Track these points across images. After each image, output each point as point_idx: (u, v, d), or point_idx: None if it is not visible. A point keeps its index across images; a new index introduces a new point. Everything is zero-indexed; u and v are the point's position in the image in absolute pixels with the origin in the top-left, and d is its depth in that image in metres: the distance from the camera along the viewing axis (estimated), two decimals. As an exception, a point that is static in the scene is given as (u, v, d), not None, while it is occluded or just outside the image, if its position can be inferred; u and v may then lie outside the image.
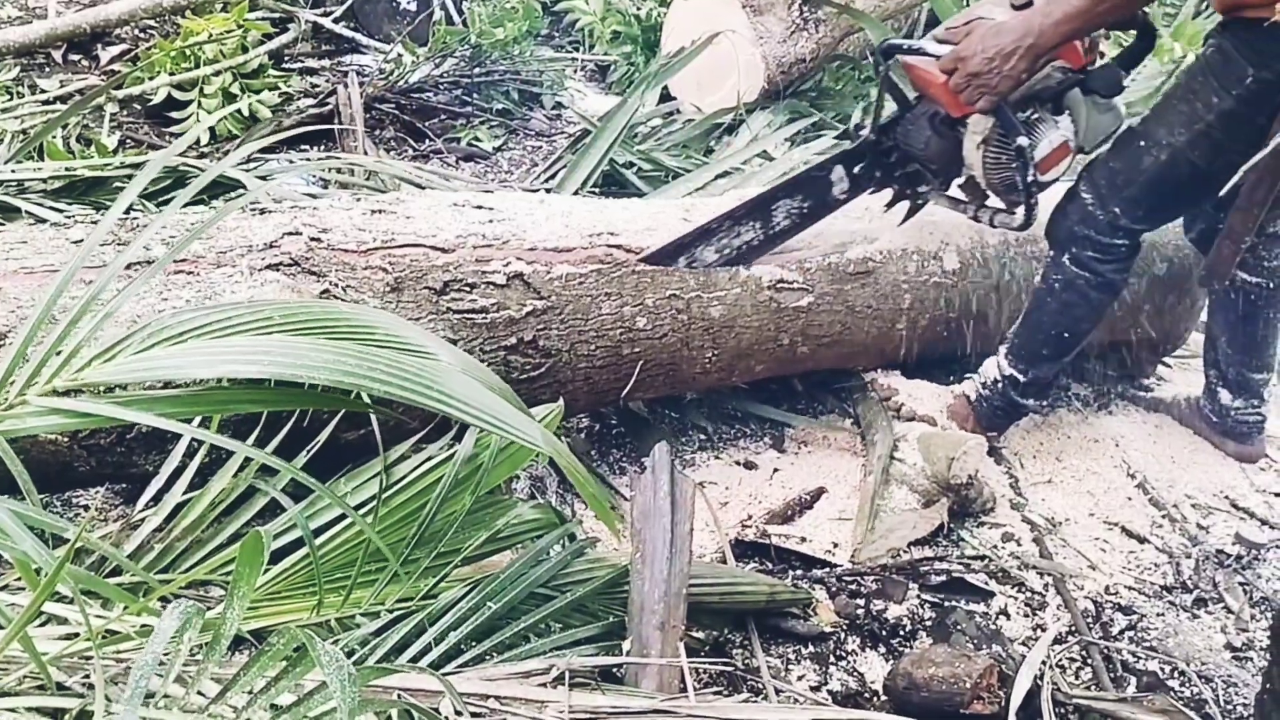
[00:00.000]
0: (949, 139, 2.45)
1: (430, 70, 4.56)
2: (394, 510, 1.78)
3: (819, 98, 4.79)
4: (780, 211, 2.55)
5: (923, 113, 2.51)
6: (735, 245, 2.53)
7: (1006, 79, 2.24)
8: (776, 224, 2.56)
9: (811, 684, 2.09)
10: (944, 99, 2.35)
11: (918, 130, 2.51)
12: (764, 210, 2.54)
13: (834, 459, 2.79)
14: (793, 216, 2.57)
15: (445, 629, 1.66)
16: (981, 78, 2.25)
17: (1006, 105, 2.29)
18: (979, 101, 2.29)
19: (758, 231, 2.54)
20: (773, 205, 2.54)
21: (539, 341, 2.28)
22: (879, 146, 2.58)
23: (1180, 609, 2.38)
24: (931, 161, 2.54)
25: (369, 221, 2.20)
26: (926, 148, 2.51)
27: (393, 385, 1.34)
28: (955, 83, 2.28)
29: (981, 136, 2.36)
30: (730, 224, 2.51)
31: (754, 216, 2.53)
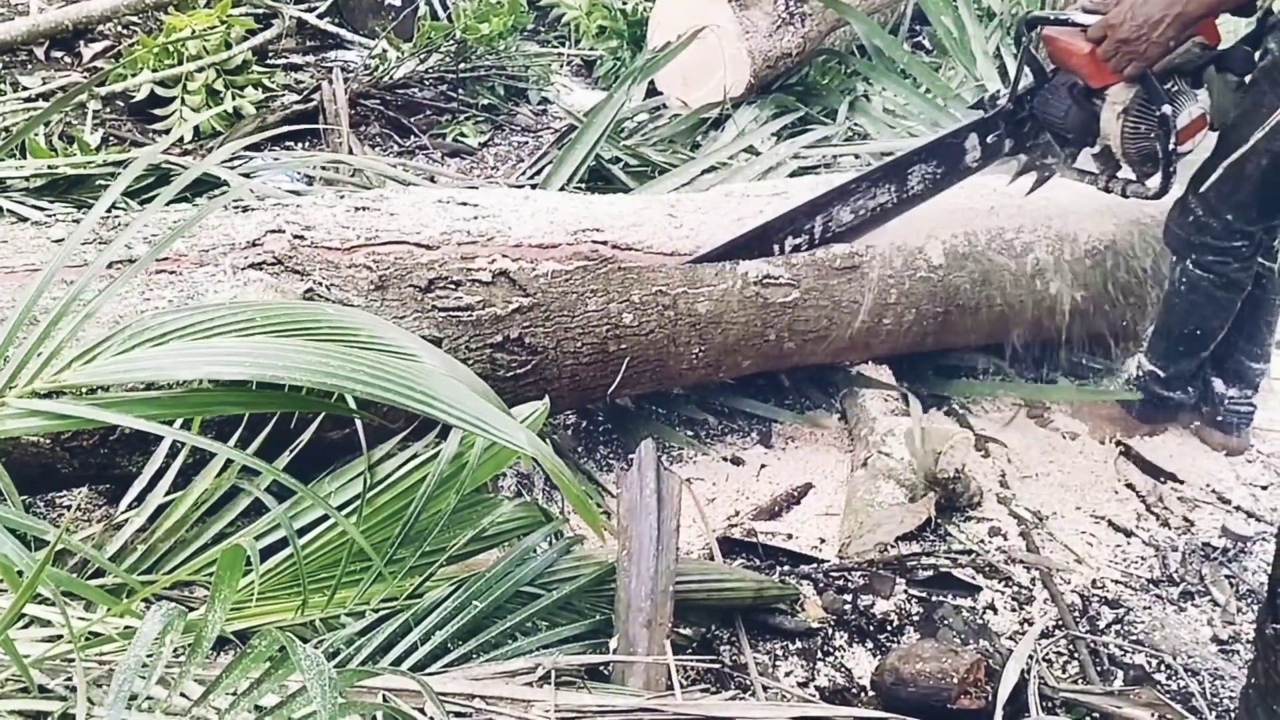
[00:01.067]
0: (1087, 109, 2.50)
1: (415, 66, 4.54)
2: (378, 510, 1.77)
3: (805, 92, 4.78)
4: (915, 176, 2.63)
5: (1061, 84, 2.55)
6: (870, 207, 2.62)
7: (1155, 46, 2.30)
8: (911, 188, 2.64)
9: (799, 680, 2.09)
10: (1087, 69, 2.41)
11: (1056, 101, 2.56)
12: (899, 174, 2.62)
13: (821, 454, 2.79)
14: (926, 181, 2.65)
15: (430, 629, 1.66)
16: (1131, 44, 2.30)
17: (1152, 75, 2.35)
18: (1127, 68, 2.34)
19: (892, 195, 2.63)
20: (908, 169, 2.62)
21: (525, 339, 2.28)
22: (1014, 116, 2.63)
23: (1167, 602, 2.38)
24: (1068, 131, 2.58)
25: (353, 219, 2.19)
26: (1065, 117, 2.55)
27: (375, 387, 1.33)
28: (1104, 50, 2.34)
29: (1122, 106, 2.40)
30: (867, 185, 2.59)
31: (890, 179, 2.61)
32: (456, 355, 2.16)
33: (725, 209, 2.65)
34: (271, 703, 1.28)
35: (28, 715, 1.34)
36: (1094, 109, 2.48)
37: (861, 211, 2.62)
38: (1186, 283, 2.64)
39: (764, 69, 4.48)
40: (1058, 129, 2.61)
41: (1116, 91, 2.41)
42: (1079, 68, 2.44)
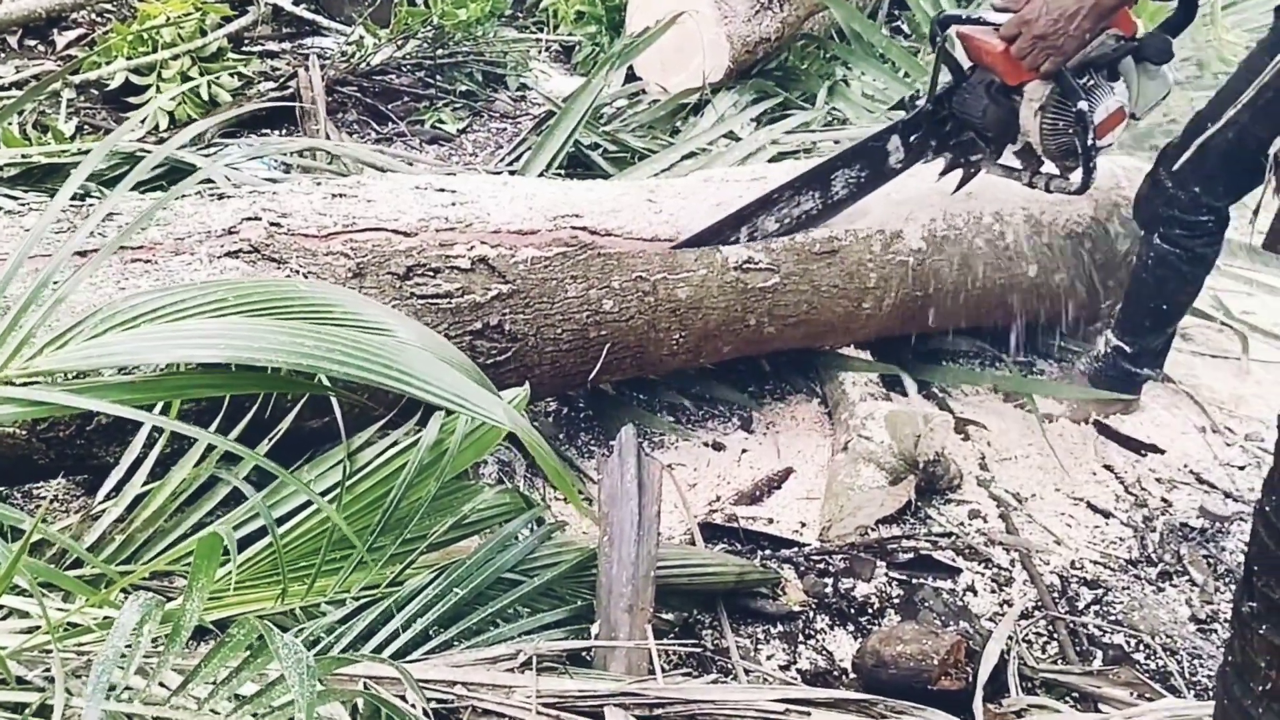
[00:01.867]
0: (1005, 107, 2.50)
1: (392, 52, 4.52)
2: (359, 497, 1.77)
3: (785, 78, 4.77)
4: (839, 181, 2.64)
5: (979, 82, 2.55)
6: (795, 215, 2.63)
7: (1072, 39, 2.29)
8: (835, 193, 2.65)
9: (780, 663, 2.10)
10: (1002, 67, 2.40)
11: (974, 99, 2.56)
12: (823, 180, 2.62)
13: (802, 439, 2.80)
14: (850, 186, 2.65)
15: (411, 616, 1.66)
16: (1048, 39, 2.29)
17: (1066, 71, 2.34)
18: (1044, 64, 2.33)
19: (817, 201, 2.64)
20: (831, 174, 2.63)
21: (504, 326, 2.27)
22: (935, 116, 2.64)
23: (1145, 582, 2.40)
24: (988, 130, 2.59)
25: (329, 206, 2.18)
26: (983, 116, 2.55)
27: (351, 365, 1.32)
28: (1019, 47, 2.33)
29: (1039, 103, 2.40)
30: (790, 194, 2.60)
31: (813, 186, 2.62)
32: (436, 342, 2.16)
33: (704, 194, 2.65)
34: (251, 691, 1.27)
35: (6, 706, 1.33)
36: (1012, 106, 2.47)
37: (786, 220, 2.63)
38: (1155, 257, 2.68)
39: (743, 54, 4.47)
40: (978, 127, 2.61)
41: (1033, 89, 2.40)
42: (994, 65, 2.43)
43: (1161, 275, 2.69)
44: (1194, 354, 3.32)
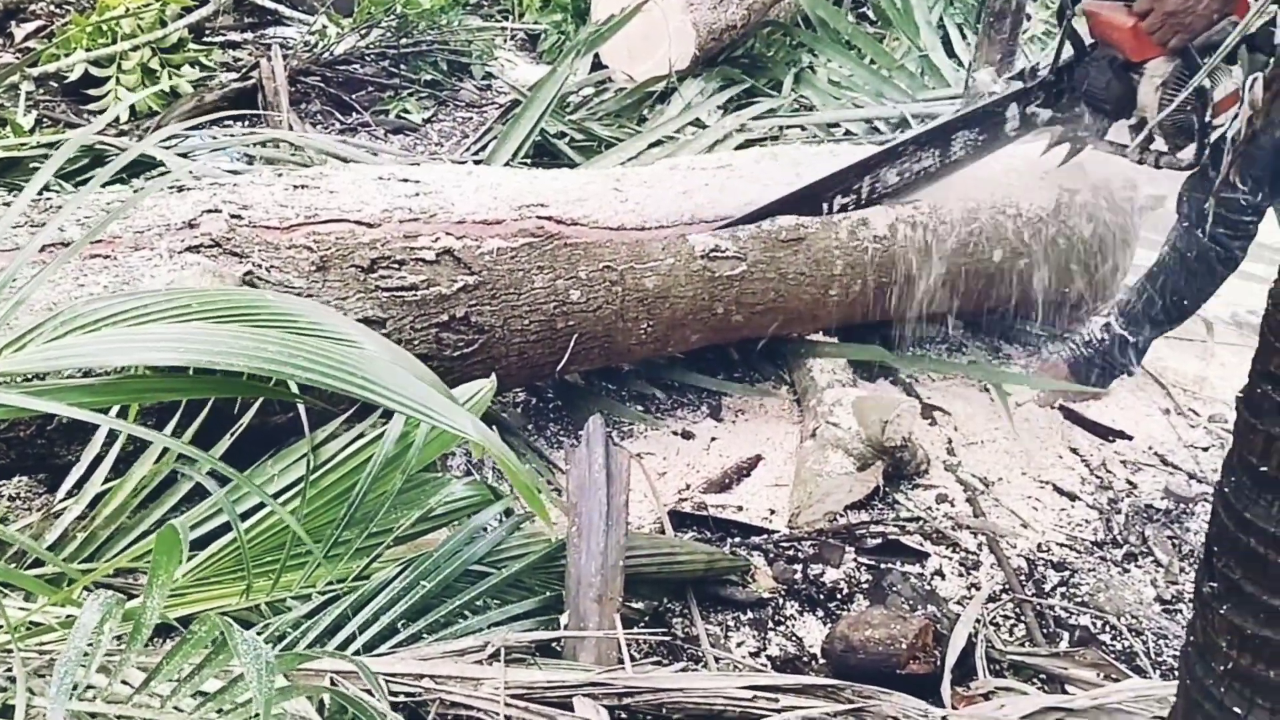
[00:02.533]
0: (1125, 83, 2.56)
1: (356, 41, 4.48)
2: (323, 491, 1.76)
3: (751, 65, 4.77)
4: (958, 142, 2.73)
5: (1101, 56, 2.61)
6: (915, 170, 2.73)
7: (1200, 18, 2.37)
8: (954, 153, 2.74)
9: (751, 650, 2.10)
10: (1130, 42, 2.48)
11: (1097, 73, 2.62)
12: (944, 139, 2.72)
13: (770, 426, 2.80)
14: (968, 148, 2.74)
15: (378, 610, 1.65)
16: (1177, 16, 2.37)
17: (1192, 49, 2.41)
18: (1172, 40, 2.41)
19: (936, 159, 2.73)
20: (952, 135, 2.72)
21: (471, 318, 2.26)
22: (1053, 87, 2.70)
23: (1111, 564, 2.42)
24: (1106, 104, 2.64)
25: (291, 197, 2.16)
26: (1103, 90, 2.61)
27: (315, 372, 1.31)
28: (1150, 23, 2.41)
29: (1161, 79, 2.47)
30: (914, 148, 2.70)
31: (934, 144, 2.71)
32: (401, 335, 2.14)
33: (670, 182, 2.65)
34: (214, 688, 1.27)
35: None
36: (1131, 82, 2.55)
37: (907, 174, 2.74)
38: (1195, 252, 2.69)
39: (709, 41, 4.46)
40: (1096, 101, 2.67)
41: (1156, 65, 2.48)
42: (1121, 41, 2.50)
43: (1194, 270, 2.71)
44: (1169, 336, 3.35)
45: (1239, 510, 1.13)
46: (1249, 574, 1.14)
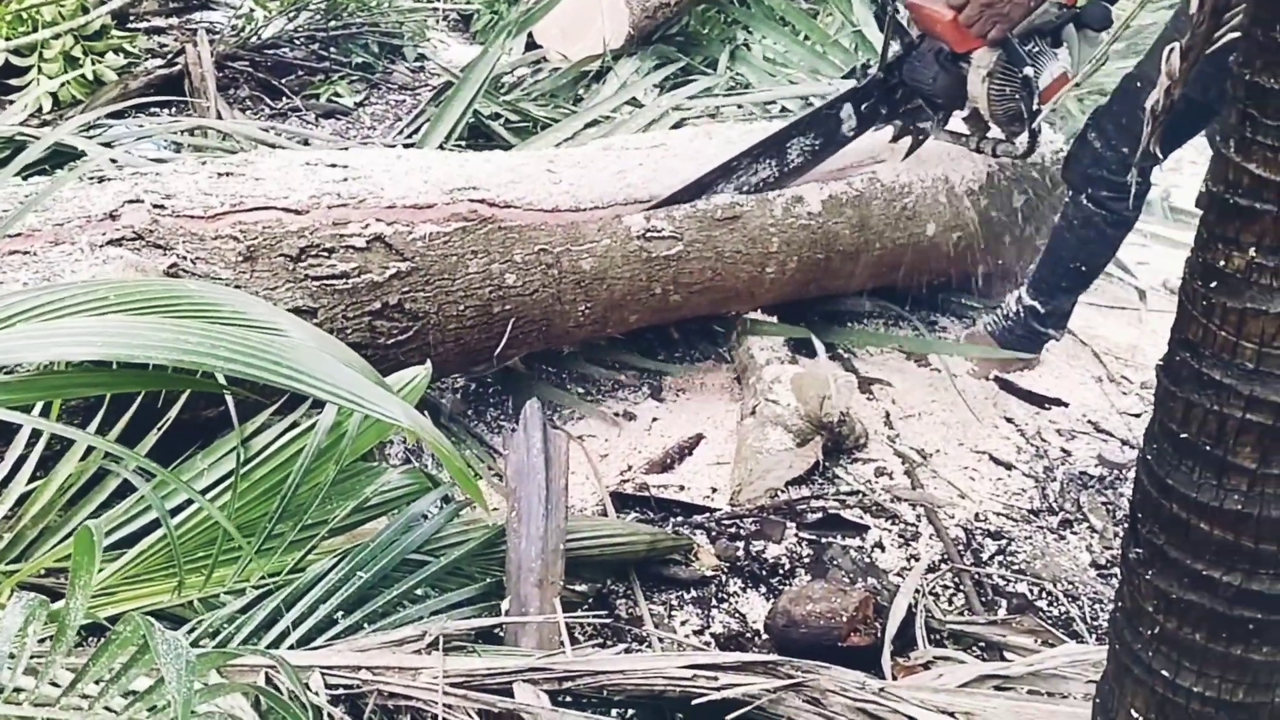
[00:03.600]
0: (953, 74, 2.58)
1: (284, 25, 4.39)
2: (255, 484, 1.73)
3: (686, 43, 4.75)
4: (794, 149, 2.71)
5: (928, 50, 2.62)
6: (753, 182, 2.71)
7: (1018, 7, 2.37)
8: (791, 160, 2.73)
9: (695, 628, 2.11)
10: (951, 35, 2.48)
11: (924, 67, 2.63)
12: (779, 148, 2.70)
13: (711, 404, 2.81)
14: (805, 153, 2.73)
15: (315, 602, 1.63)
16: (994, 7, 2.38)
17: (1012, 38, 2.42)
18: (991, 31, 2.41)
19: (773, 169, 2.71)
20: (787, 143, 2.70)
21: (405, 305, 2.23)
22: (886, 84, 2.70)
23: (1047, 531, 2.46)
24: (936, 97, 2.66)
25: (216, 185, 2.12)
26: (933, 83, 2.63)
27: (238, 363, 1.29)
28: (967, 15, 2.40)
29: (986, 70, 2.48)
30: (749, 161, 2.68)
31: (770, 154, 2.70)
32: (333, 325, 2.11)
33: (604, 163, 2.63)
34: (144, 686, 1.24)
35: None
36: (960, 73, 2.55)
37: (745, 188, 2.69)
38: (1080, 218, 2.72)
39: (643, 20, 4.44)
40: (927, 94, 2.69)
41: (980, 56, 2.48)
42: (943, 34, 2.50)
43: (1084, 236, 2.73)
44: (1091, 305, 3.40)
45: (1161, 477, 1.15)
46: (1173, 540, 1.16)
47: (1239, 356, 1.05)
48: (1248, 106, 1.01)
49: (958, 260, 3.03)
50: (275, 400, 1.87)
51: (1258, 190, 1.00)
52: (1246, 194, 1.01)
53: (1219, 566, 1.12)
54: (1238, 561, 1.11)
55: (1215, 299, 1.06)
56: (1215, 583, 1.13)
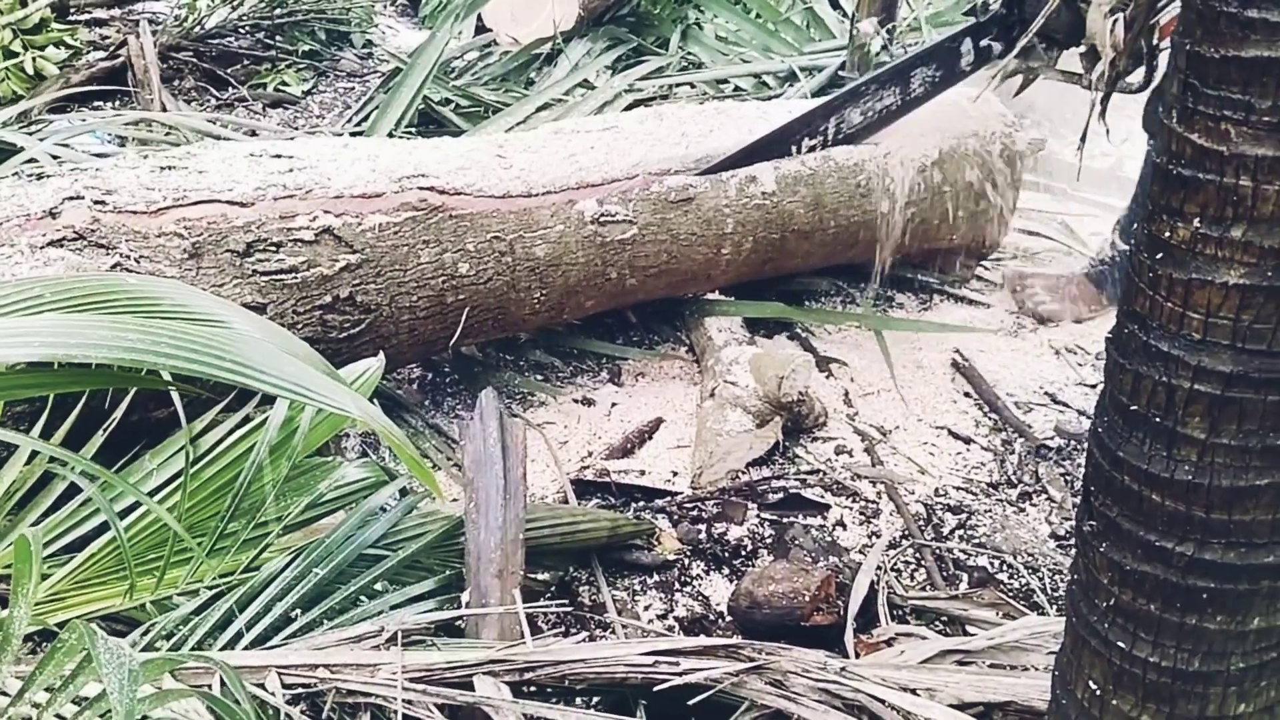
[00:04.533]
0: (1074, 10, 2.60)
1: (228, 14, 4.33)
2: (206, 483, 1.70)
3: (638, 23, 4.73)
4: (917, 79, 2.82)
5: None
6: (878, 109, 2.84)
7: None
8: (913, 90, 2.83)
9: (658, 612, 2.10)
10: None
11: (1044, 3, 2.63)
12: (903, 78, 2.81)
13: (671, 388, 2.80)
14: (927, 84, 2.83)
15: (270, 600, 1.61)
16: None
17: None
18: None
19: (897, 96, 2.83)
20: (911, 73, 2.80)
21: (356, 298, 2.20)
22: (1005, 20, 2.76)
23: (1007, 503, 2.47)
24: (1057, 32, 2.67)
25: (158, 180, 2.07)
26: (1054, 19, 2.63)
27: (179, 359, 1.26)
28: None
29: (1109, 6, 2.49)
30: (875, 88, 2.81)
31: (895, 83, 2.81)
32: (284, 320, 2.08)
33: (556, 147, 2.61)
34: (95, 692, 1.22)
35: None
36: (1081, 10, 2.59)
37: (869, 113, 2.84)
38: None
39: (592, 1, 4.41)
40: (1047, 31, 2.70)
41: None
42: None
43: None
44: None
45: (1112, 449, 1.15)
46: (1125, 511, 1.16)
47: (1186, 327, 1.05)
48: (1189, 76, 1.01)
49: (914, 236, 3.03)
50: (226, 397, 1.84)
51: (1200, 160, 1.00)
52: (1190, 164, 1.01)
53: (1171, 537, 1.13)
54: (1189, 532, 1.12)
55: (1161, 270, 1.06)
56: (1168, 553, 1.13)
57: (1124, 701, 1.23)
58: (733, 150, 2.72)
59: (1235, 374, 1.04)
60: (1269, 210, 0.98)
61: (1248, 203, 0.99)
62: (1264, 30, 0.94)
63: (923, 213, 2.98)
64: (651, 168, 2.63)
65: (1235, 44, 0.96)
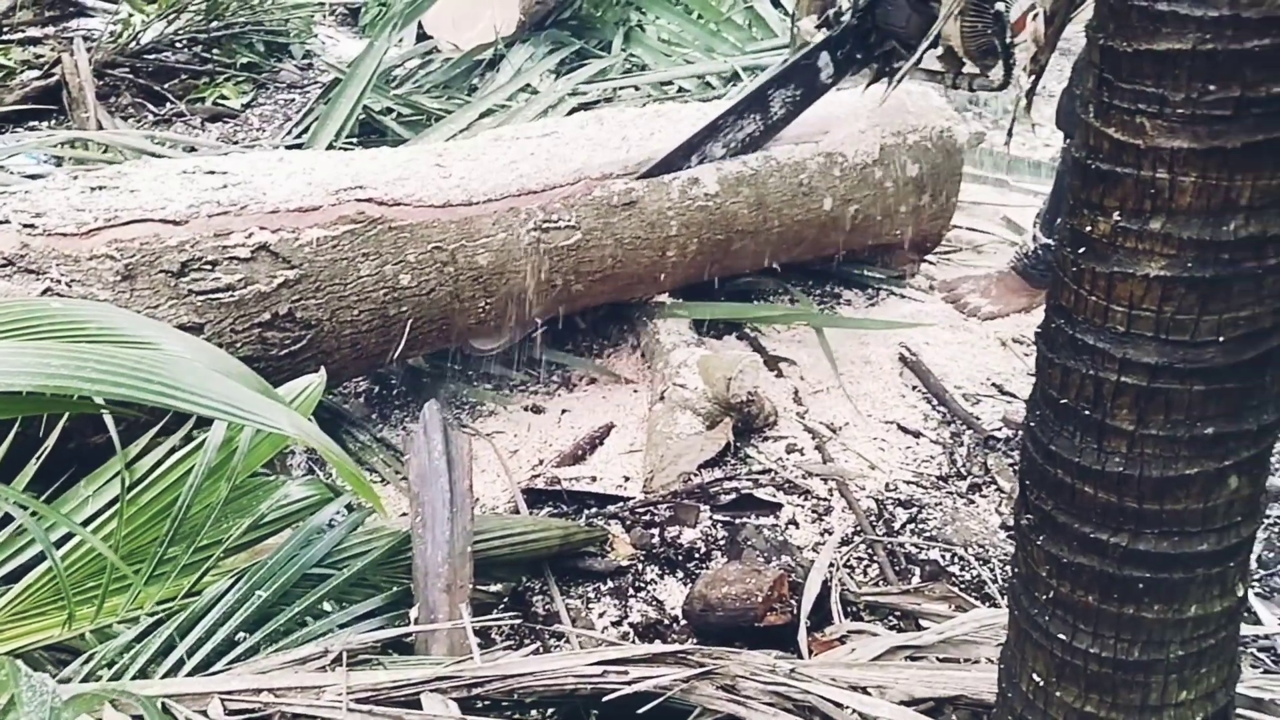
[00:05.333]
0: (925, 15, 2.63)
1: (164, 28, 4.27)
2: (144, 508, 1.67)
3: (580, 26, 4.72)
4: (776, 101, 2.79)
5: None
6: (739, 138, 2.80)
7: None
8: (774, 113, 2.81)
9: (613, 619, 2.10)
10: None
11: (896, 10, 2.69)
12: (761, 102, 2.79)
13: (620, 393, 2.79)
14: (787, 105, 2.81)
15: (213, 625, 1.58)
16: None
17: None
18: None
19: (758, 122, 2.80)
20: (769, 96, 2.78)
21: (296, 314, 2.17)
22: (859, 30, 2.75)
23: (957, 496, 2.48)
24: (911, 38, 2.69)
25: (89, 200, 2.04)
26: (906, 25, 2.68)
27: (107, 383, 1.23)
28: None
29: (958, 8, 2.52)
30: (734, 118, 2.77)
31: (753, 109, 2.79)
32: (222, 339, 2.05)
33: (495, 154, 2.59)
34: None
35: None
36: (932, 13, 2.62)
37: (733, 144, 2.79)
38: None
39: (533, 5, 4.39)
40: (901, 37, 2.74)
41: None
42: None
43: None
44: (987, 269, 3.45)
45: (1045, 443, 1.16)
46: (1060, 505, 1.17)
47: (1110, 320, 1.06)
48: (1103, 71, 1.01)
49: (857, 233, 3.04)
50: (163, 419, 1.81)
51: (1118, 154, 1.01)
52: (1108, 159, 1.02)
53: (1106, 528, 1.14)
54: (1123, 523, 1.12)
55: (1084, 264, 1.06)
56: (1103, 544, 1.14)
57: (1067, 693, 1.24)
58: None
59: (1160, 365, 1.05)
60: (1186, 202, 0.99)
61: (1165, 195, 0.99)
62: (1175, 23, 0.95)
63: (865, 209, 2.99)
64: (593, 172, 2.62)
65: (1147, 37, 0.97)
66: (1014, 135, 2.62)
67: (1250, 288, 1.02)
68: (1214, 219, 0.99)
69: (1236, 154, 0.97)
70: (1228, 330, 1.03)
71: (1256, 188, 0.98)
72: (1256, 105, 0.95)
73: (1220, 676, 1.24)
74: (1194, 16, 0.94)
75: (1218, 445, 1.08)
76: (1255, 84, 0.95)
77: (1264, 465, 1.14)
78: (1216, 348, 1.03)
